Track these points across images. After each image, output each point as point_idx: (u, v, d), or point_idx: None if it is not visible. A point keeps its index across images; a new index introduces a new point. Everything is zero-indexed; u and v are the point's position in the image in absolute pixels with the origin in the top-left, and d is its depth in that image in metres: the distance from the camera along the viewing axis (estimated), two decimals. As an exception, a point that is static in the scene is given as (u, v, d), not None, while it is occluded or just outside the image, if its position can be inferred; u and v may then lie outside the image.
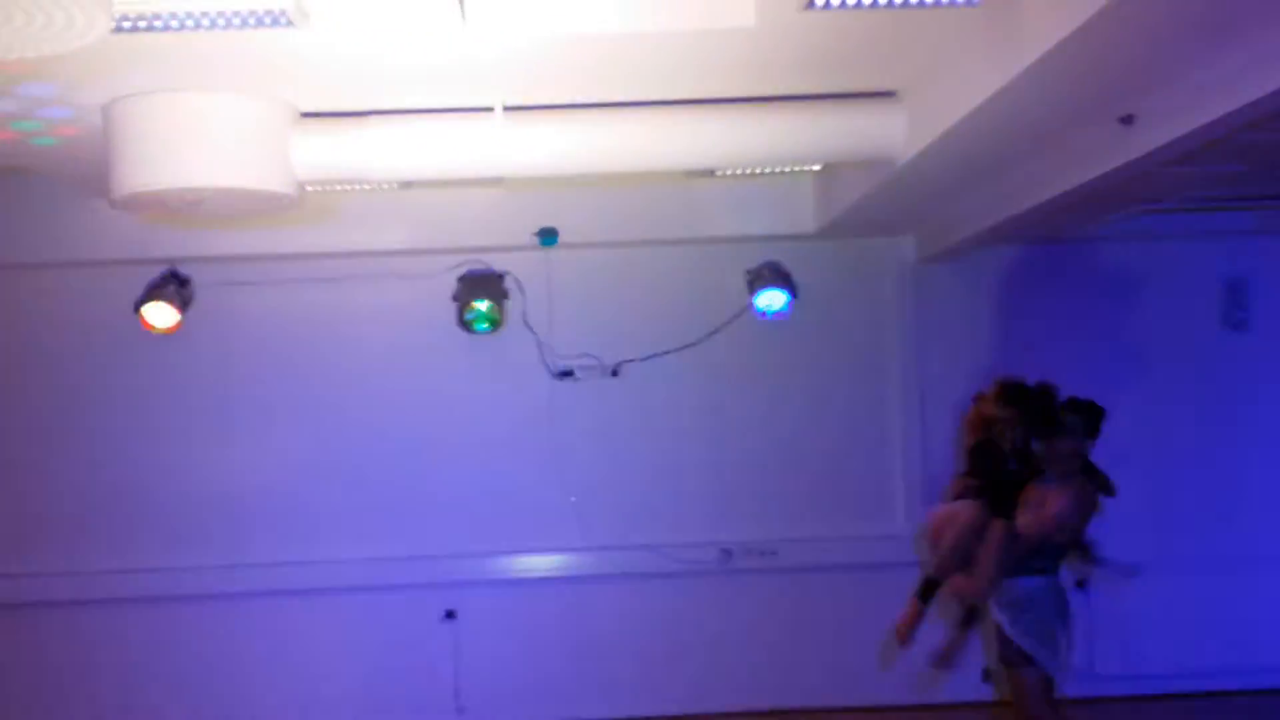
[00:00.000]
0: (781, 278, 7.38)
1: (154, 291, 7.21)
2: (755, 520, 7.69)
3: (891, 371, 7.76)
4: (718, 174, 6.56)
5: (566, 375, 7.67)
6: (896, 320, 7.75)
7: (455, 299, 7.45)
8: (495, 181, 6.78)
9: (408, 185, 6.53)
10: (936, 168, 5.60)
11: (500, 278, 7.53)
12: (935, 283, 7.74)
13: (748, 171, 6.44)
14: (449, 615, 7.59)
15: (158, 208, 5.32)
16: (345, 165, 5.39)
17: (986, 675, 6.18)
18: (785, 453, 7.73)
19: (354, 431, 7.62)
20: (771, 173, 6.57)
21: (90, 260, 7.27)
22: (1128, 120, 4.65)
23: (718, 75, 5.17)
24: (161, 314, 7.23)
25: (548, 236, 7.33)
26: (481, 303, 7.37)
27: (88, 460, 7.55)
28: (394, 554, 7.57)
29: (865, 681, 7.58)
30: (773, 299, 7.37)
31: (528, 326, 7.61)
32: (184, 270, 7.36)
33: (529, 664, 7.61)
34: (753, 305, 7.45)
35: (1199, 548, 7.62)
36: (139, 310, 7.21)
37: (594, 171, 5.76)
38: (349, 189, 6.24)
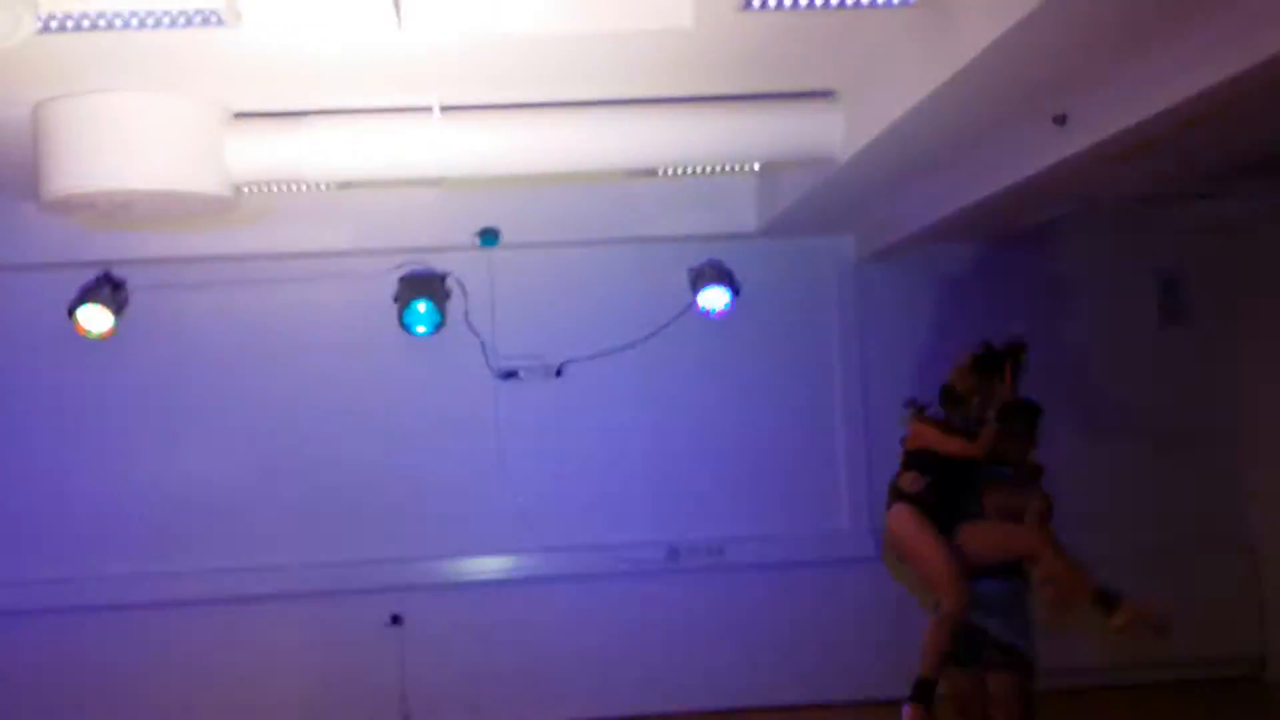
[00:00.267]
0: (724, 277, 7.40)
1: (87, 295, 7.09)
2: (702, 519, 7.70)
3: (834, 369, 7.80)
4: (659, 174, 6.57)
5: (510, 376, 7.64)
6: (838, 318, 7.79)
7: (396, 300, 7.39)
8: (435, 181, 6.73)
9: (346, 185, 6.48)
10: (874, 167, 5.64)
11: (441, 278, 7.49)
12: (876, 280, 7.79)
13: (689, 171, 6.45)
14: (394, 620, 7.51)
15: (89, 210, 5.24)
16: (281, 166, 5.34)
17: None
18: (730, 451, 7.75)
19: (295, 435, 7.54)
20: (713, 172, 6.59)
21: (21, 264, 7.13)
22: (1060, 120, 4.70)
23: (657, 75, 5.18)
24: (95, 318, 7.11)
25: (489, 237, 7.30)
26: (422, 303, 7.32)
27: (20, 468, 7.41)
28: (337, 559, 7.50)
29: (815, 678, 7.60)
30: (715, 298, 7.39)
31: (470, 327, 7.57)
32: (118, 273, 7.25)
33: (476, 668, 7.56)
34: (695, 304, 7.47)
35: (1142, 540, 7.69)
36: (72, 314, 7.10)
37: (534, 171, 5.76)
38: (287, 189, 6.18)
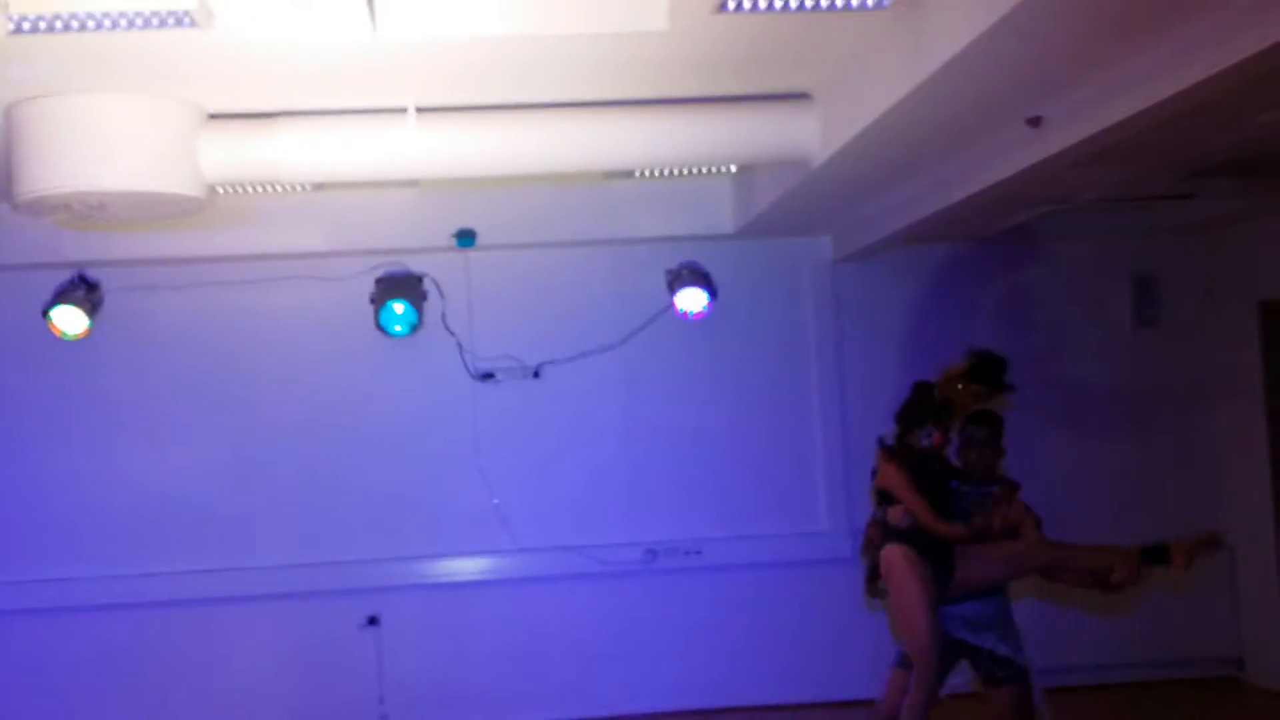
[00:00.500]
0: (701, 278, 7.40)
1: (62, 296, 7.06)
2: (679, 520, 7.70)
3: (811, 370, 7.81)
4: (636, 175, 6.57)
5: (488, 377, 7.63)
6: (815, 319, 7.80)
7: (372, 301, 7.37)
8: (411, 183, 6.72)
9: (322, 186, 6.46)
10: (851, 168, 5.64)
11: (418, 280, 7.47)
12: (853, 282, 7.80)
13: (666, 173, 6.45)
14: (371, 621, 7.50)
15: (62, 211, 5.20)
16: (256, 167, 5.32)
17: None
18: (708, 452, 7.76)
19: (271, 437, 7.52)
20: (690, 174, 6.60)
21: (-5, 265, 7.11)
22: (1035, 122, 4.72)
23: (633, 77, 5.17)
24: (70, 319, 7.08)
25: (466, 238, 7.28)
26: (398, 304, 7.30)
27: (-3, 470, 7.38)
28: (314, 560, 7.47)
29: (792, 679, 7.62)
30: (692, 299, 7.39)
31: (447, 328, 7.56)
32: (93, 274, 7.21)
33: (453, 669, 7.55)
34: (673, 305, 7.47)
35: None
36: (47, 315, 7.05)
37: (510, 173, 5.75)
38: (262, 191, 6.15)
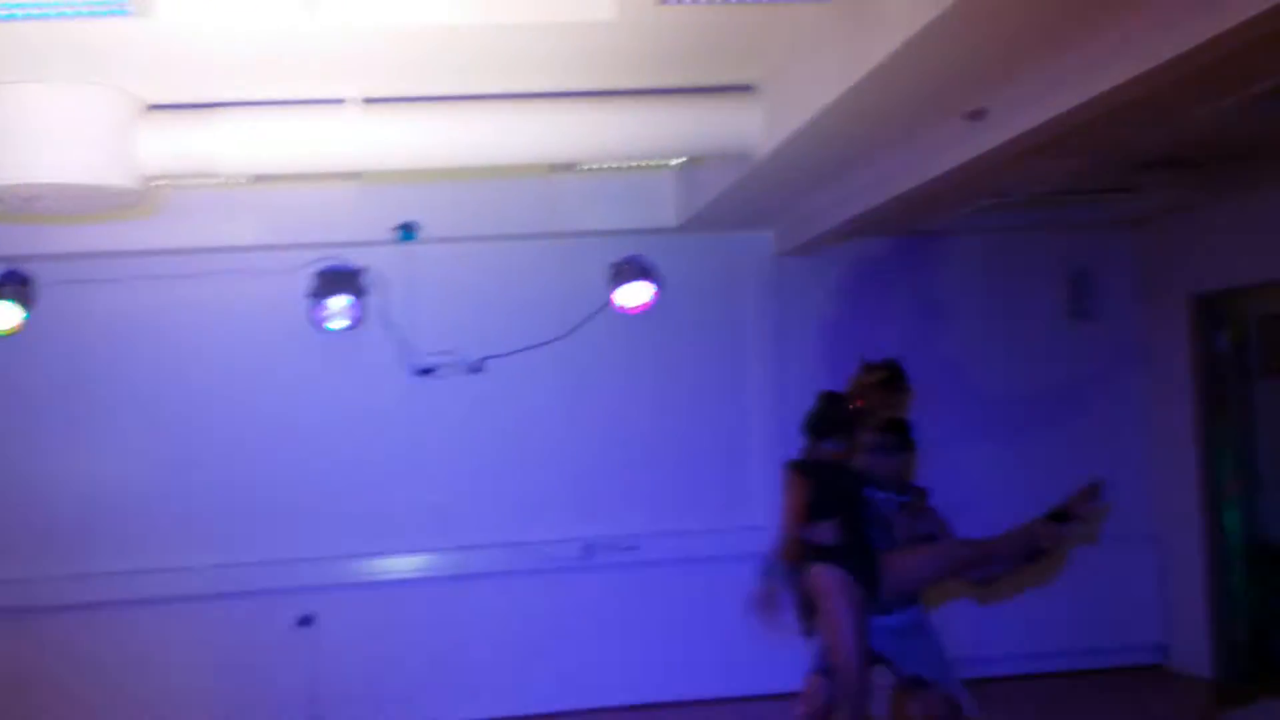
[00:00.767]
0: (644, 272, 7.40)
1: (-7, 291, 6.93)
2: (617, 515, 7.70)
3: (751, 364, 7.84)
4: (579, 168, 6.56)
5: (427, 372, 7.57)
6: (756, 314, 7.82)
7: (311, 295, 7.29)
8: (353, 175, 6.66)
9: (262, 179, 6.38)
10: (793, 162, 5.67)
11: (358, 273, 7.40)
12: (795, 276, 7.83)
13: (610, 165, 6.45)
14: (305, 621, 7.39)
15: (-6, 203, 5.09)
16: (194, 158, 5.22)
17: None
18: (646, 447, 7.76)
19: (205, 433, 7.41)
20: (634, 167, 6.60)
21: (-77, 259, 6.95)
22: (978, 115, 4.77)
23: (577, 69, 5.16)
24: (3, 314, 6.94)
25: (407, 231, 7.22)
26: (337, 299, 7.22)
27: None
28: (246, 559, 7.37)
29: (728, 673, 7.63)
30: (635, 293, 7.39)
31: (387, 323, 7.49)
32: (25, 269, 7.08)
33: (389, 668, 7.48)
34: (615, 300, 7.46)
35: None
36: (-22, 310, 6.92)
37: (453, 164, 5.70)
38: (200, 183, 6.07)
